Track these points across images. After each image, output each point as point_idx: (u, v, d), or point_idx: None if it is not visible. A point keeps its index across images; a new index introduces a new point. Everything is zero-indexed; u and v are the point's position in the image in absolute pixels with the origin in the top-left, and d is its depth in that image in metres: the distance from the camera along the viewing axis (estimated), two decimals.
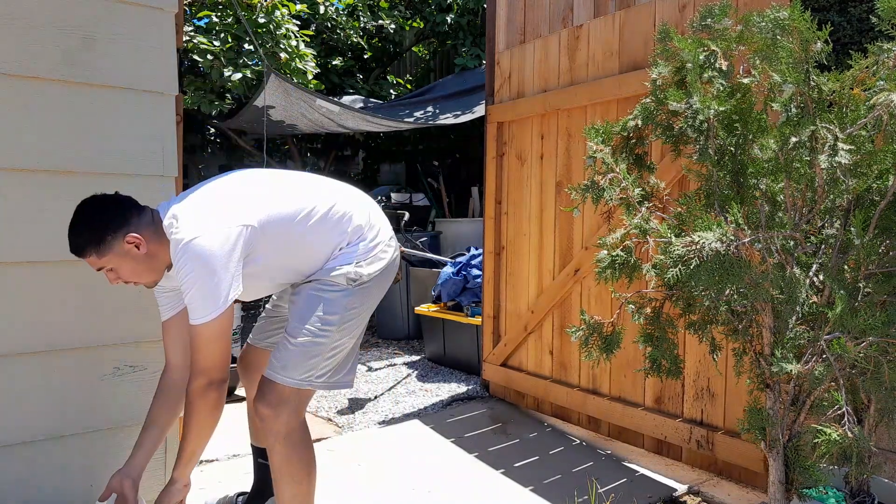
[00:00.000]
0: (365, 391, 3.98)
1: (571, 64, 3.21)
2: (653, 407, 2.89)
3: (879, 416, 1.67)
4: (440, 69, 8.48)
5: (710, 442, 2.62)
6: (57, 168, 2.05)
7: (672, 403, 2.82)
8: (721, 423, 2.61)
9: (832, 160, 1.42)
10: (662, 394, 2.86)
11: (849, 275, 1.53)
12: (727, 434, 2.56)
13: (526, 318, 3.48)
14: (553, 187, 3.32)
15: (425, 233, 6.01)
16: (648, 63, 2.67)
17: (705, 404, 2.68)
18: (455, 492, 2.58)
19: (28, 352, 2.03)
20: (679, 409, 2.78)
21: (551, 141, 3.34)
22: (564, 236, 3.25)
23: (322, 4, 6.56)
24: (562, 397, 3.26)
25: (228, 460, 2.85)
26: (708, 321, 1.80)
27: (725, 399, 2.60)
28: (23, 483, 2.03)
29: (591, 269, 3.00)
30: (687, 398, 2.75)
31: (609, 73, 3.00)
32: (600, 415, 3.08)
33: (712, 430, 2.62)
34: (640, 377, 2.92)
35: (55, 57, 2.02)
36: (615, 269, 1.77)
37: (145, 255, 1.77)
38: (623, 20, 2.93)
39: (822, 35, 1.52)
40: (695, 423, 2.70)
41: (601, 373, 3.11)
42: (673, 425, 2.76)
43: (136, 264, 1.77)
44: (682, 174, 2.41)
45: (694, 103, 1.60)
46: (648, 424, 2.86)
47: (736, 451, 2.52)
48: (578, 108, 3.16)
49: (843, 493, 1.79)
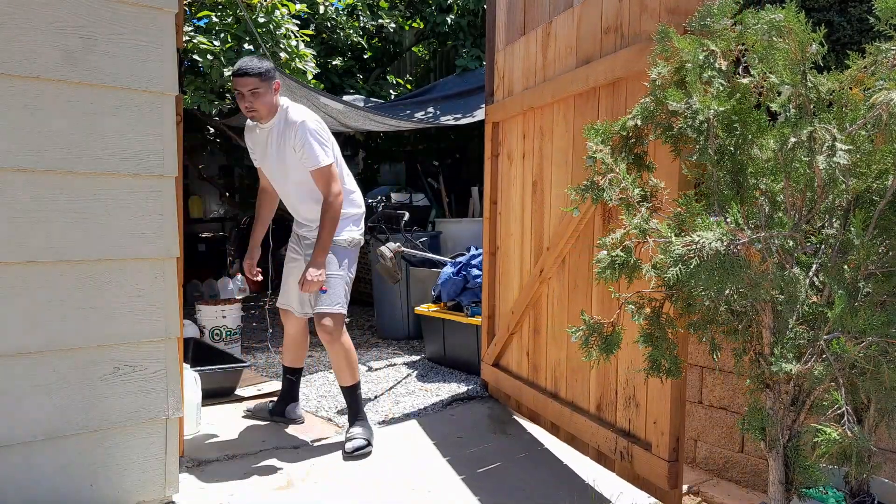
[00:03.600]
0: (365, 391, 3.98)
1: (544, 61, 3.10)
2: (594, 414, 2.70)
3: (879, 415, 1.67)
4: (440, 69, 8.48)
5: (630, 454, 2.44)
6: (57, 168, 2.05)
7: (608, 411, 2.61)
8: (643, 435, 2.41)
9: (830, 160, 1.42)
10: (602, 400, 2.66)
11: (848, 275, 1.53)
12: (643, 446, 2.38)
13: (508, 319, 3.44)
14: (531, 186, 3.24)
15: (425, 233, 6.00)
16: (597, 56, 2.62)
17: (632, 414, 2.47)
18: (455, 492, 2.58)
19: (28, 352, 2.03)
20: (613, 418, 2.58)
21: (530, 140, 3.26)
22: (538, 236, 3.16)
23: (322, 4, 6.55)
24: (530, 400, 3.18)
25: (228, 460, 2.85)
26: (708, 321, 1.80)
27: (646, 410, 2.38)
28: (22, 483, 2.03)
29: (554, 270, 2.96)
30: (619, 406, 2.55)
31: (568, 68, 2.86)
32: (556, 420, 2.95)
33: (633, 442, 2.43)
34: (587, 382, 2.75)
35: (55, 57, 2.02)
36: (615, 270, 1.77)
37: (274, 101, 2.86)
38: (580, 14, 2.80)
39: (818, 36, 1.52)
40: (622, 433, 2.51)
41: (560, 376, 2.97)
42: (604, 434, 2.58)
43: (269, 101, 2.84)
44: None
45: (694, 103, 1.60)
46: (587, 432, 2.70)
47: (645, 464, 2.36)
48: (548, 106, 3.05)
49: (842, 492, 1.79)
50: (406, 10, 7.69)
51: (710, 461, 2.71)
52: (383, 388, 4.05)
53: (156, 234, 2.23)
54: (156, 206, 2.23)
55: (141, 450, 2.24)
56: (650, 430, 2.36)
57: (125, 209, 2.17)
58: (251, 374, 4.18)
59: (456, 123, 5.90)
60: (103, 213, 2.13)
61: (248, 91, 2.77)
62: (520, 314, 3.31)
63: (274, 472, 2.74)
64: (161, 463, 2.28)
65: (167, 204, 2.26)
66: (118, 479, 2.20)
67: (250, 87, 2.76)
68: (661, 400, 2.29)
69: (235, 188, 8.38)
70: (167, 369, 2.28)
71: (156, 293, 2.24)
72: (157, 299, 2.24)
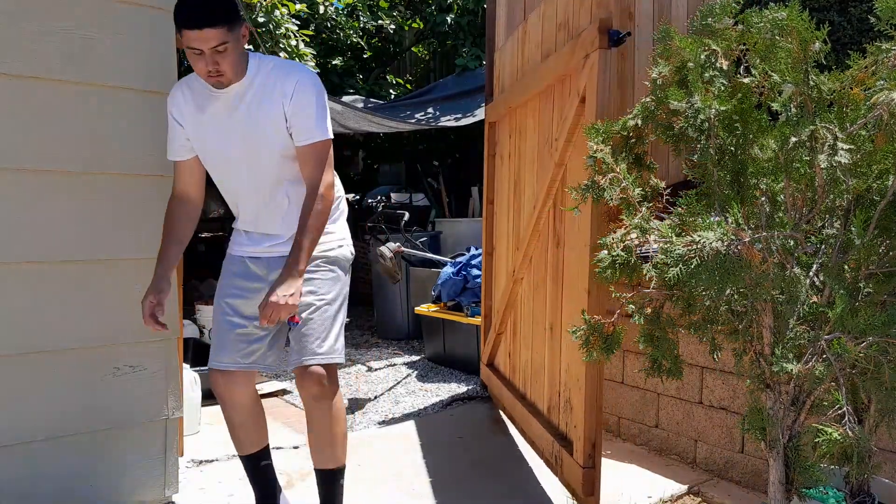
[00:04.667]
0: (365, 391, 3.98)
1: (522, 60, 3.07)
2: (546, 417, 2.62)
3: (880, 415, 1.67)
4: (440, 69, 8.48)
5: (560, 459, 2.35)
6: (57, 168, 2.05)
7: (554, 414, 2.52)
8: (573, 438, 2.29)
9: (832, 160, 1.42)
10: (550, 402, 2.58)
11: (849, 275, 1.53)
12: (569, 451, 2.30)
13: (496, 319, 3.45)
14: (514, 186, 3.21)
15: (425, 233, 6.00)
16: (553, 53, 2.59)
17: (567, 417, 2.36)
18: (454, 492, 2.58)
19: (28, 352, 2.03)
20: (557, 421, 2.49)
21: (514, 139, 3.24)
22: (516, 236, 3.15)
23: (322, 4, 6.55)
24: (509, 401, 3.17)
25: (228, 460, 2.85)
26: (708, 321, 1.80)
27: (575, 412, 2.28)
28: (22, 483, 2.03)
29: (524, 270, 2.97)
30: (561, 409, 2.46)
31: (536, 66, 2.80)
32: (521, 422, 2.92)
33: (563, 446, 2.34)
34: (542, 384, 2.68)
35: (55, 57, 2.02)
36: (615, 270, 1.76)
37: (242, 52, 1.89)
38: (544, 11, 2.75)
39: (821, 35, 1.52)
40: (559, 437, 2.42)
41: (527, 378, 2.92)
42: (548, 439, 2.49)
43: (237, 56, 1.86)
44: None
45: (695, 102, 1.60)
46: (536, 434, 2.65)
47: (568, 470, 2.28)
48: (522, 105, 3.02)
49: (843, 493, 1.79)
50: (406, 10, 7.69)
51: (710, 461, 2.71)
52: (383, 388, 4.05)
53: (156, 234, 2.22)
54: (156, 206, 2.23)
55: (141, 450, 2.24)
56: (573, 433, 2.29)
57: (125, 209, 2.17)
58: None
59: (456, 124, 5.90)
60: (103, 212, 2.13)
61: (210, 49, 1.78)
62: (502, 314, 3.33)
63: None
64: (161, 463, 2.28)
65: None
66: (118, 479, 2.20)
67: (214, 42, 1.77)
68: (581, 405, 2.19)
69: None
70: (167, 369, 2.28)
71: None
72: None
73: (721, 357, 1.82)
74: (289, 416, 3.50)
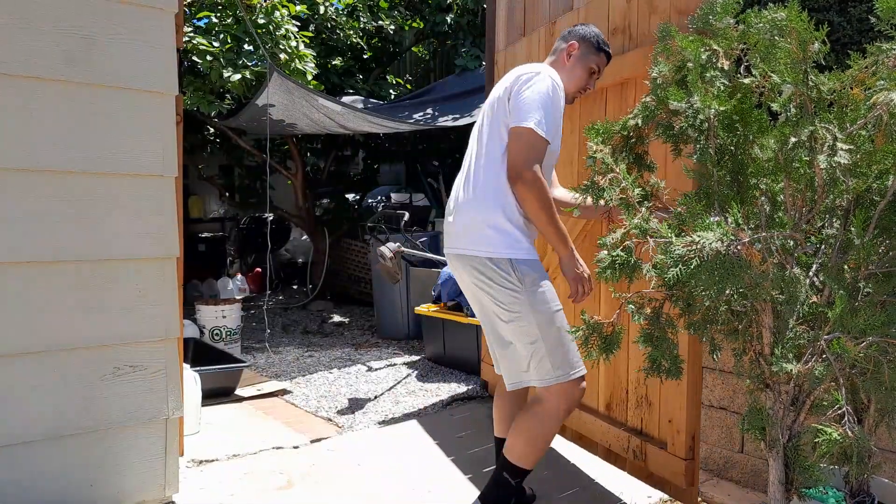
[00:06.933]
0: (365, 391, 3.98)
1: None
2: (604, 413, 2.78)
3: (879, 415, 1.67)
4: (440, 69, 8.48)
5: (643, 452, 2.51)
6: (57, 168, 2.05)
7: (619, 411, 2.70)
8: (656, 433, 2.50)
9: (831, 160, 1.42)
10: (612, 400, 2.74)
11: (849, 275, 1.53)
12: (657, 445, 2.46)
13: None
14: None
15: (425, 233, 6.00)
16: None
17: (644, 413, 2.55)
18: (454, 491, 2.58)
19: (28, 352, 2.03)
20: (624, 417, 2.67)
21: None
22: None
23: (322, 5, 6.54)
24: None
25: (228, 460, 2.85)
26: (708, 321, 1.80)
27: (660, 409, 2.47)
28: (23, 483, 2.03)
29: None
30: (630, 406, 2.63)
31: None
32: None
33: (647, 440, 2.51)
34: (594, 382, 2.79)
35: (55, 57, 2.02)
36: (615, 270, 1.76)
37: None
38: (585, 16, 2.82)
39: (820, 35, 1.52)
40: (634, 432, 2.60)
41: None
42: (616, 434, 2.66)
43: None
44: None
45: (695, 102, 1.60)
46: (598, 432, 2.78)
47: (660, 463, 2.43)
48: None
49: (842, 492, 1.79)
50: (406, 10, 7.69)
51: (710, 461, 2.71)
52: (383, 388, 4.05)
53: (155, 234, 2.23)
54: (156, 205, 2.23)
55: (141, 450, 2.24)
56: (664, 429, 2.45)
57: (125, 209, 2.17)
58: (251, 374, 4.18)
59: (455, 124, 5.90)
60: (103, 212, 2.13)
61: (598, 75, 2.36)
62: None
63: (274, 473, 2.74)
64: (161, 463, 2.28)
65: (167, 204, 2.25)
66: (118, 479, 2.20)
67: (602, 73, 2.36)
68: (677, 400, 2.37)
69: (235, 188, 8.37)
70: (167, 369, 2.28)
71: (156, 293, 2.23)
72: (158, 299, 2.24)
73: (721, 357, 1.82)
74: (289, 416, 3.50)
